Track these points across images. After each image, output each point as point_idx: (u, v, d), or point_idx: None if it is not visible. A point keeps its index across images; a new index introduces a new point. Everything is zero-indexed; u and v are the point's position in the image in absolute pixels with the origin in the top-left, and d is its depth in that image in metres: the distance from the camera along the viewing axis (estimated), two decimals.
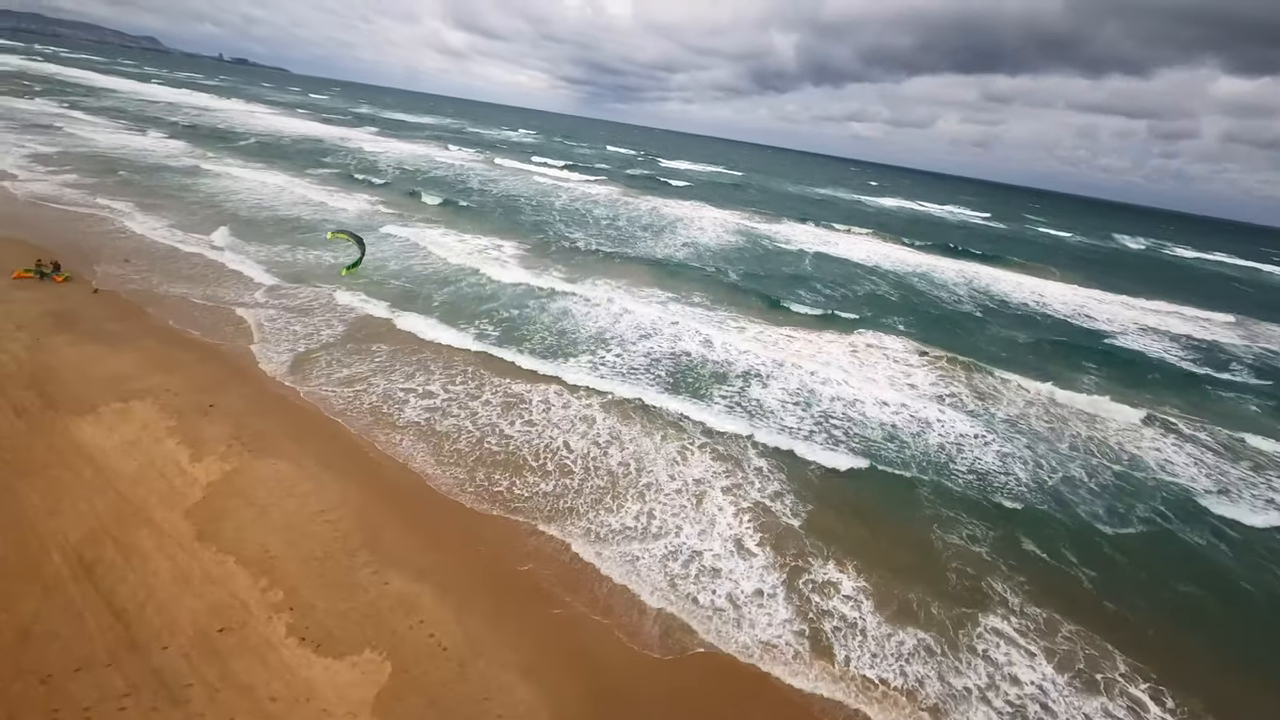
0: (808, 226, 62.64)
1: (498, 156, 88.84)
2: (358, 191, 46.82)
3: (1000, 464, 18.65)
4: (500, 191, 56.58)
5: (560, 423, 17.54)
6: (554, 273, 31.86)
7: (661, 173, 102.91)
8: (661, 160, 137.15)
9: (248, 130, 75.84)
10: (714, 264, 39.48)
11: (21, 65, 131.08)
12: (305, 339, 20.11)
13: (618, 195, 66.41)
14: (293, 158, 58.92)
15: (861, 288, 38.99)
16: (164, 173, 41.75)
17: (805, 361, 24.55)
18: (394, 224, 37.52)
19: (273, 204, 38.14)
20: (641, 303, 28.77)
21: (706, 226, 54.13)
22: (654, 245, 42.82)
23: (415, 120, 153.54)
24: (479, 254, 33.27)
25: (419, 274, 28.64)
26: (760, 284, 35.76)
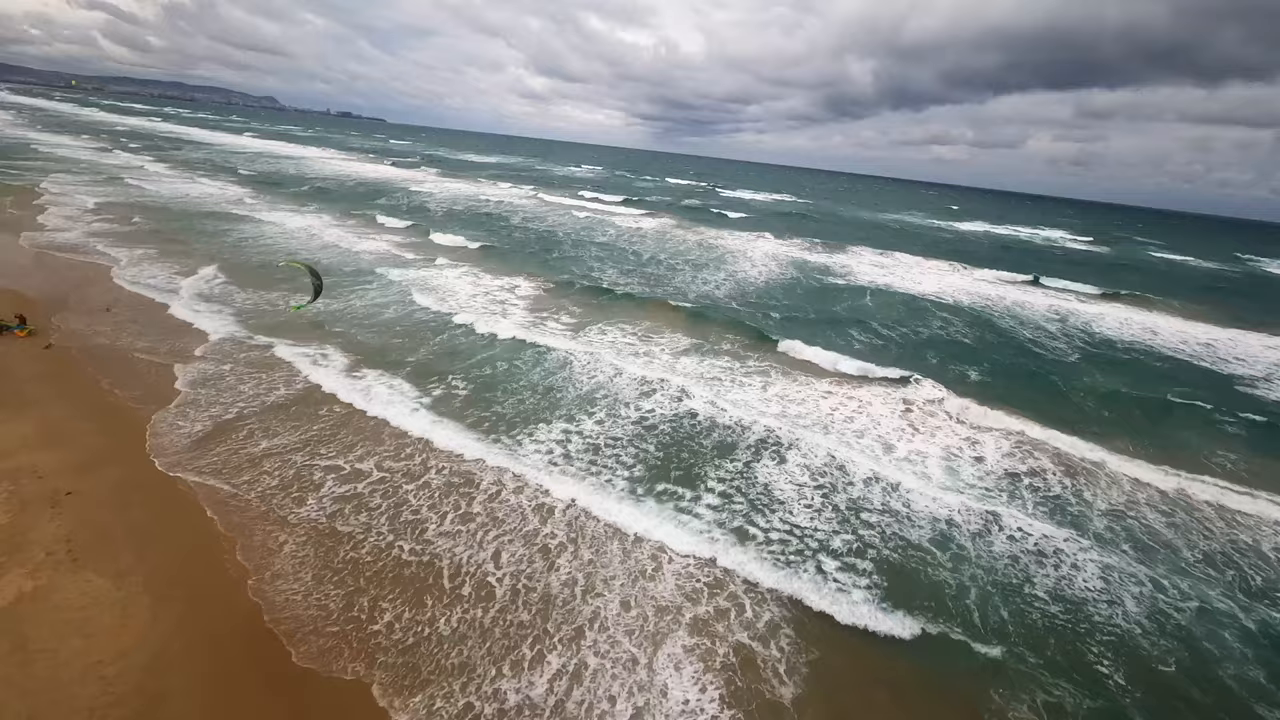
0: (873, 256, 57.19)
1: (552, 193, 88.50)
2: (389, 233, 46.12)
3: (1100, 588, 13.50)
4: (542, 228, 54.92)
5: (506, 518, 14.07)
6: (562, 318, 28.82)
7: (720, 203, 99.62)
8: (723, 190, 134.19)
9: (315, 176, 78.91)
10: (753, 303, 35.36)
11: (137, 124, 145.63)
12: (239, 402, 17.76)
13: (667, 228, 63.56)
14: (342, 200, 59.89)
15: (927, 329, 33.63)
16: (204, 219, 42.38)
17: (841, 426, 20.03)
18: (412, 266, 35.91)
19: (292, 247, 37.52)
20: (651, 354, 25.14)
21: (757, 259, 50.08)
22: (691, 282, 39.24)
23: (482, 160, 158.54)
24: (485, 297, 30.77)
25: (408, 323, 26.28)
26: (803, 327, 31.29)
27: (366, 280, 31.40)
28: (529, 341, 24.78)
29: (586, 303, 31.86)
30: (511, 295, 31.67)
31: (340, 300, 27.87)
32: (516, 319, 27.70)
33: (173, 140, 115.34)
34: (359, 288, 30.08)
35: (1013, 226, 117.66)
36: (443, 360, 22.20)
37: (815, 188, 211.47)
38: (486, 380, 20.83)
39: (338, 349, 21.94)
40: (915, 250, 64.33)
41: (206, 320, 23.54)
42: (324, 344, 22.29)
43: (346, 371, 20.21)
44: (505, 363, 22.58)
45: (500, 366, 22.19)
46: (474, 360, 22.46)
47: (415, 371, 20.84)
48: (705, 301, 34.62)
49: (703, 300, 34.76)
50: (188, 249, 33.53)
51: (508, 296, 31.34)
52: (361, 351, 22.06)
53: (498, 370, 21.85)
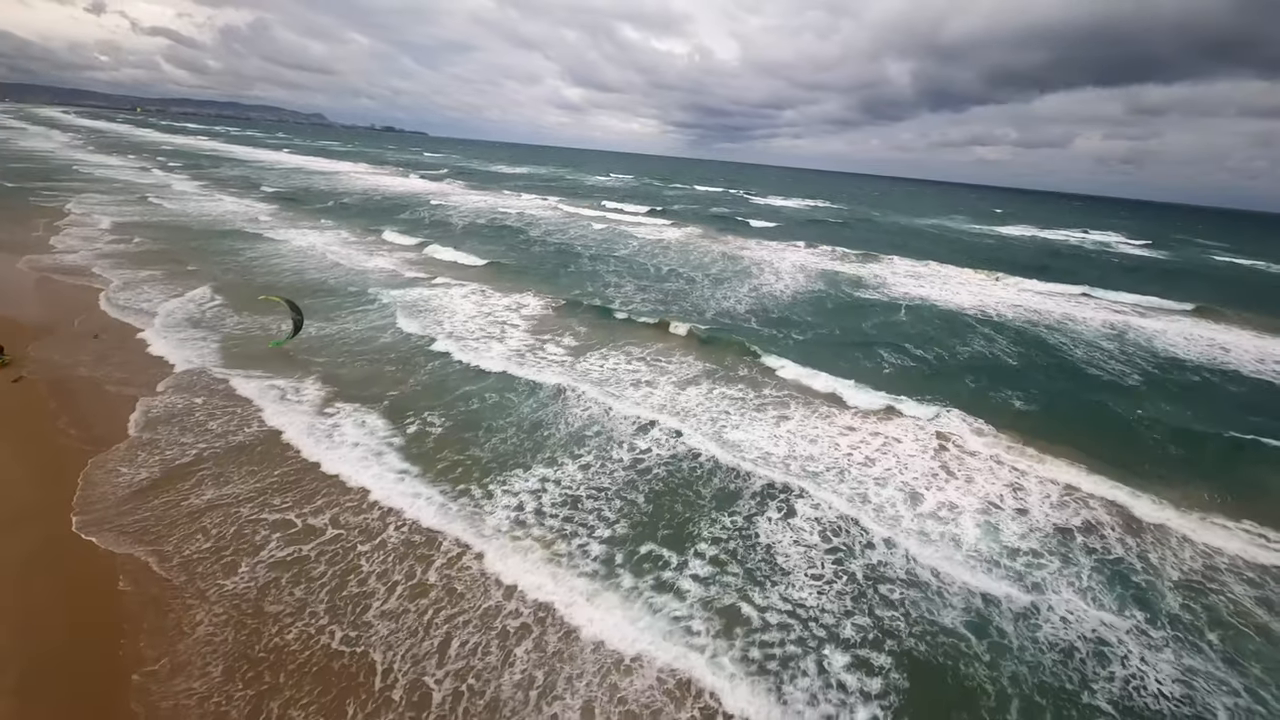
0: (908, 265, 53.99)
1: (577, 203, 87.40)
2: (401, 250, 45.25)
3: (1181, 697, 10.88)
4: (560, 242, 53.50)
5: (465, 592, 12.22)
6: (565, 341, 27.02)
7: (750, 211, 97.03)
8: (755, 197, 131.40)
9: (343, 191, 79.46)
10: (775, 322, 33.00)
11: (184, 143, 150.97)
12: (196, 443, 16.41)
13: (692, 239, 61.52)
14: (361, 216, 59.65)
15: (966, 349, 30.72)
16: (216, 238, 42.17)
17: (861, 470, 17.64)
18: (416, 285, 34.72)
19: (296, 267, 36.79)
20: (655, 383, 23.10)
21: (784, 271, 47.59)
22: (709, 299, 37.09)
23: (511, 171, 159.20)
24: (486, 318, 29.20)
25: (398, 350, 24.85)
26: (827, 350, 28.84)
27: (365, 301, 30.25)
28: (521, 371, 22.97)
29: (594, 323, 30.04)
30: (515, 315, 30.07)
31: (335, 323, 26.71)
32: (514, 343, 26.03)
33: (214, 158, 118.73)
34: (356, 310, 28.91)
35: (1061, 230, 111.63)
36: (425, 393, 20.57)
37: (851, 192, 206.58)
38: (468, 417, 19.10)
39: (315, 381, 20.53)
40: (955, 258, 60.73)
41: (180, 349, 22.38)
42: (302, 376, 20.88)
43: (318, 408, 18.73)
44: (494, 394, 20.86)
45: (488, 399, 20.47)
46: (459, 393, 20.77)
47: (393, 407, 19.24)
48: (723, 321, 32.44)
49: (720, 319, 32.59)
50: (189, 270, 32.92)
51: (510, 317, 29.74)
52: (340, 383, 20.60)
53: (484, 404, 20.13)
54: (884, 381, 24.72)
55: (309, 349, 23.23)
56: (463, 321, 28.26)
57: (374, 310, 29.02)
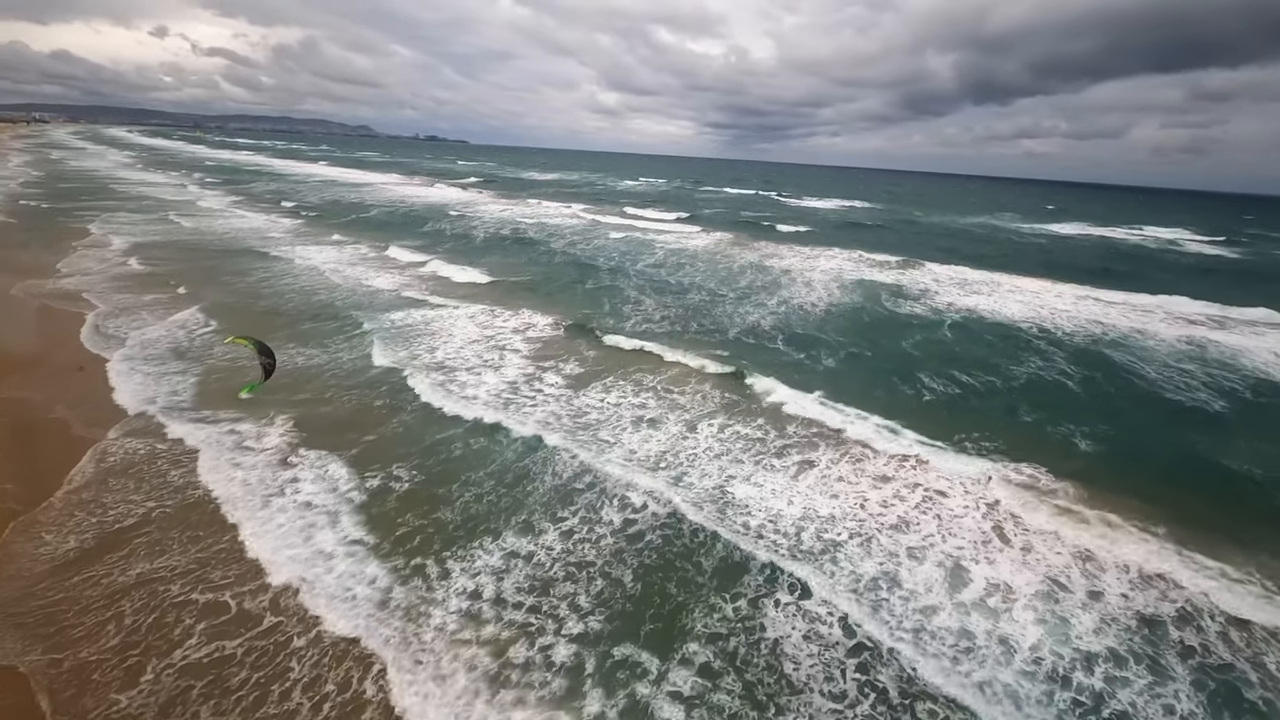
0: (954, 272, 50.16)
1: (604, 211, 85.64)
2: (414, 266, 43.96)
3: None
4: (582, 254, 51.56)
5: (403, 714, 10.15)
6: (568, 369, 24.85)
7: (783, 215, 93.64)
8: (790, 199, 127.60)
9: (371, 204, 79.45)
10: (804, 342, 30.20)
11: (229, 158, 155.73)
12: (140, 504, 14.75)
13: (720, 247, 58.87)
14: (381, 230, 58.91)
15: (1022, 371, 27.36)
16: (226, 257, 41.50)
17: (894, 536, 14.91)
18: (421, 306, 33.12)
19: (301, 287, 35.68)
20: (660, 423, 20.70)
21: (817, 282, 44.56)
22: (733, 316, 34.48)
23: (543, 178, 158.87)
24: (486, 343, 27.22)
25: (385, 384, 23.11)
26: (860, 377, 25.97)
27: (357, 327, 28.67)
28: (510, 413, 20.78)
29: (603, 346, 27.82)
30: (518, 339, 28.09)
31: (322, 352, 25.08)
32: (511, 371, 24.00)
33: (254, 173, 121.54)
34: (346, 337, 27.28)
35: (1121, 227, 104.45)
36: (403, 437, 18.60)
37: (891, 191, 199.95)
38: (445, 467, 17.04)
39: (283, 426, 18.77)
40: (1006, 262, 56.48)
41: (147, 387, 20.80)
42: (271, 419, 19.04)
43: (280, 459, 16.92)
44: (478, 439, 18.78)
45: (471, 444, 18.39)
46: (440, 437, 18.71)
47: (362, 456, 17.30)
48: (746, 342, 29.82)
49: (743, 341, 29.97)
50: (185, 294, 31.80)
51: (512, 341, 27.76)
52: (311, 428, 18.80)
53: (467, 449, 18.07)
54: (926, 417, 21.74)
55: (285, 386, 21.54)
56: (459, 348, 26.37)
57: (365, 337, 27.38)
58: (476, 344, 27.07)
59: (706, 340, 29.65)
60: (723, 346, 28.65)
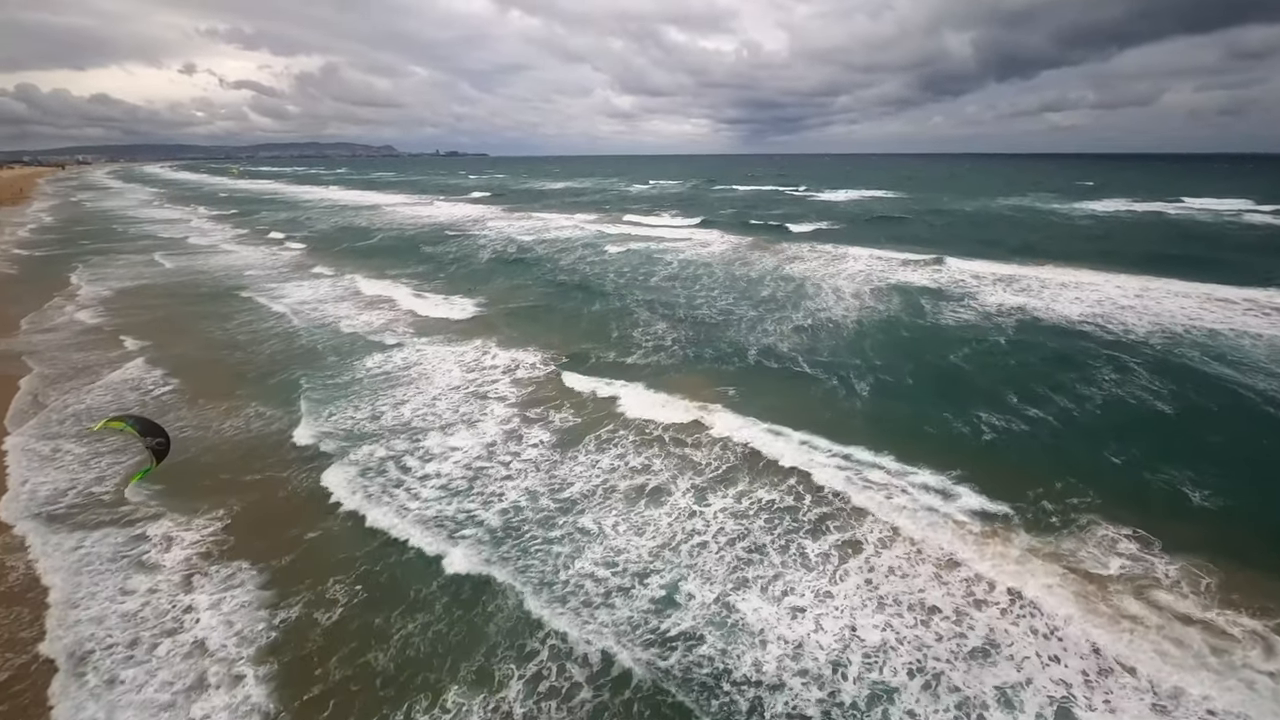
0: (996, 267, 45.35)
1: (617, 220, 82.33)
2: (403, 298, 41.00)
3: None
4: (589, 271, 48.15)
5: None
6: (559, 417, 21.29)
7: (804, 211, 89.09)
8: (810, 194, 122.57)
9: (376, 228, 77.39)
10: (834, 367, 26.20)
11: (247, 187, 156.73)
12: None
13: (737, 253, 54.95)
14: (384, 256, 56.38)
15: (1096, 391, 22.98)
16: (204, 302, 38.87)
17: (969, 668, 10.99)
18: (401, 347, 29.92)
19: (273, 332, 32.87)
20: (664, 494, 16.99)
21: (844, 289, 40.38)
22: (751, 335, 30.64)
23: (557, 186, 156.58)
24: (469, 389, 23.81)
25: (331, 450, 19.88)
26: (907, 412, 21.90)
27: (327, 376, 25.62)
28: (476, 501, 17.22)
29: (601, 384, 24.25)
30: (504, 382, 24.66)
31: (262, 421, 21.67)
32: (491, 427, 20.52)
33: (270, 202, 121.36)
34: (299, 397, 24.05)
35: (1170, 200, 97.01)
36: (341, 538, 15.17)
37: (914, 176, 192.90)
38: (386, 584, 13.46)
39: (203, 526, 15.54)
40: (1052, 251, 51.36)
41: (40, 474, 17.88)
42: (159, 520, 15.71)
43: (182, 580, 13.71)
44: (432, 535, 15.32)
45: (424, 547, 14.95)
46: (380, 545, 15.32)
47: (289, 571, 13.80)
48: (767, 369, 26.01)
49: (765, 369, 26.15)
50: (133, 350, 28.84)
51: (498, 385, 24.31)
52: (236, 528, 15.43)
53: (414, 558, 14.63)
54: (992, 470, 17.63)
55: (199, 469, 18.27)
56: (433, 400, 22.98)
57: (336, 386, 24.31)
58: (455, 392, 23.72)
59: (723, 371, 25.88)
60: (742, 379, 24.86)
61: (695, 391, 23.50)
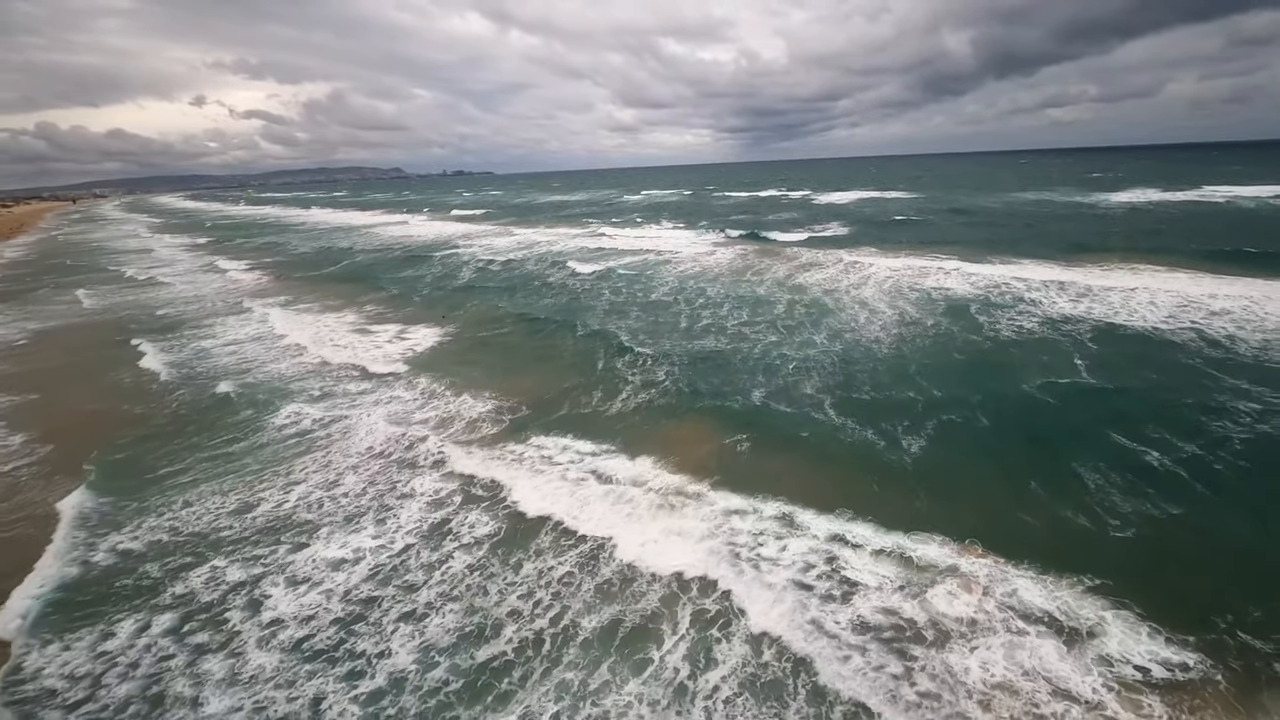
0: (1042, 269, 39.27)
1: (614, 231, 77.02)
2: (368, 329, 35.60)
3: None
4: (579, 289, 42.67)
5: None
6: (479, 532, 15.54)
7: (813, 215, 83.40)
8: (817, 197, 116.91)
9: (361, 249, 72.41)
10: (874, 407, 20.33)
11: (247, 212, 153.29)
12: None
13: (744, 261, 49.28)
14: (355, 280, 51.09)
15: (1239, 433, 16.98)
16: (97, 350, 33.89)
17: None
18: (327, 398, 24.46)
19: (197, 374, 27.49)
20: (647, 653, 11.20)
21: (871, 300, 34.55)
22: (766, 366, 24.90)
23: (551, 200, 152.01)
24: (388, 464, 18.15)
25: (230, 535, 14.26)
26: (978, 472, 16.00)
27: (201, 448, 20.06)
28: (361, 627, 11.49)
29: (571, 445, 18.51)
30: (448, 443, 18.95)
31: (161, 496, 16.38)
32: (405, 520, 14.85)
33: (258, 226, 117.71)
34: (175, 466, 18.61)
35: (1200, 187, 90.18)
36: None
37: (920, 177, 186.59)
38: None
39: None
40: (1097, 246, 45.40)
41: None
42: None
43: None
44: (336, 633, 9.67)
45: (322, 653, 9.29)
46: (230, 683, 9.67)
47: None
48: (783, 414, 20.19)
49: (778, 413, 20.34)
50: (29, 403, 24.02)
51: (433, 450, 18.57)
52: None
53: None
54: (1141, 580, 11.70)
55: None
56: (338, 476, 17.19)
57: (194, 470, 18.73)
58: (376, 461, 18.01)
59: (729, 417, 20.09)
60: (753, 426, 19.06)
61: (690, 451, 17.72)
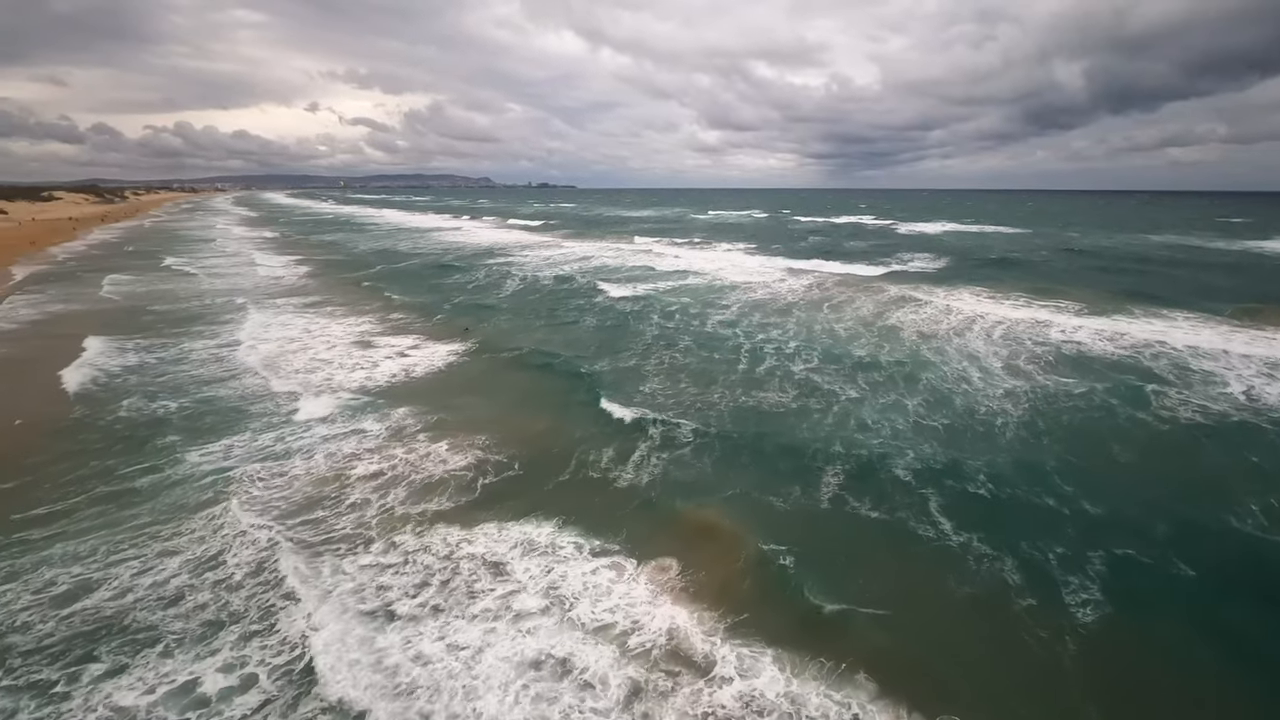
0: (1213, 327, 30.95)
1: (679, 247, 72.03)
2: (383, 340, 31.64)
3: None
4: (626, 309, 37.60)
5: None
6: (518, 610, 10.28)
7: (901, 245, 75.55)
8: (904, 225, 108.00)
9: (419, 252, 70.56)
10: (995, 515, 13.84)
11: (334, 211, 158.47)
12: None
13: (821, 293, 42.78)
14: (398, 283, 47.74)
15: None
16: (177, 325, 31.15)
17: None
18: (311, 411, 20.06)
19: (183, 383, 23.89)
20: None
21: (978, 352, 27.63)
22: (837, 437, 18.67)
23: (626, 214, 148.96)
24: (302, 545, 13.25)
25: None
26: (1188, 650, 9.35)
27: (166, 466, 15.83)
28: None
29: (563, 516, 13.05)
30: (414, 495, 13.90)
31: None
32: (273, 647, 9.79)
33: (336, 223, 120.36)
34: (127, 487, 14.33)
35: None
36: None
37: (1022, 212, 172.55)
38: None
39: None
40: (1271, 298, 36.25)
41: None
42: None
43: None
44: None
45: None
46: None
47: None
48: (873, 513, 13.98)
49: (864, 503, 14.17)
50: None
51: (385, 509, 13.59)
52: None
53: None
54: None
55: None
56: (221, 551, 12.47)
57: (120, 501, 14.37)
58: (273, 532, 13.08)
59: (775, 515, 14.06)
60: (814, 538, 12.99)
61: (717, 567, 11.86)
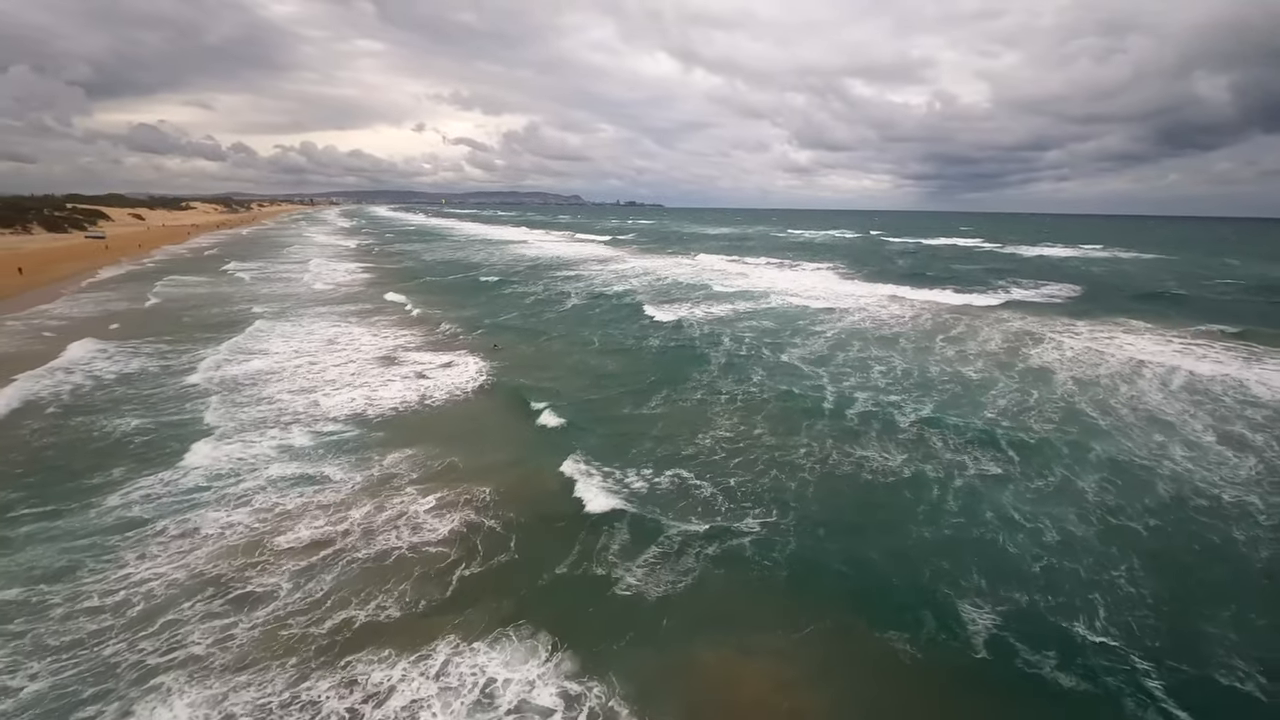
0: None
1: (764, 268, 66.47)
2: (411, 356, 28.32)
3: None
4: (697, 332, 32.81)
5: None
6: None
7: (1021, 270, 66.35)
8: (1024, 249, 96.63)
9: (491, 262, 69.03)
10: None
11: (422, 222, 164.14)
12: None
13: (930, 322, 36.11)
14: (458, 293, 45.42)
15: None
16: (199, 330, 29.32)
17: None
18: (311, 445, 16.43)
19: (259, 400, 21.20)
20: None
21: (1164, 407, 20.84)
22: (974, 521, 12.86)
23: (704, 231, 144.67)
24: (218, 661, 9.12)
25: None
26: None
27: (101, 497, 12.53)
28: None
29: (549, 628, 8.27)
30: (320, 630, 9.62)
31: None
32: None
33: (421, 233, 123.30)
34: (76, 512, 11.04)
35: None
36: None
37: (1154, 238, 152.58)
38: None
39: None
40: None
41: None
42: None
43: None
44: None
45: None
46: None
47: None
48: (1049, 692, 8.24)
49: (1028, 678, 8.44)
50: None
51: (284, 614, 9.32)
52: None
53: None
54: None
55: None
56: (145, 600, 8.49)
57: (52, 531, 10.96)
58: (168, 605, 9.00)
59: (881, 669, 8.59)
60: None
61: None
